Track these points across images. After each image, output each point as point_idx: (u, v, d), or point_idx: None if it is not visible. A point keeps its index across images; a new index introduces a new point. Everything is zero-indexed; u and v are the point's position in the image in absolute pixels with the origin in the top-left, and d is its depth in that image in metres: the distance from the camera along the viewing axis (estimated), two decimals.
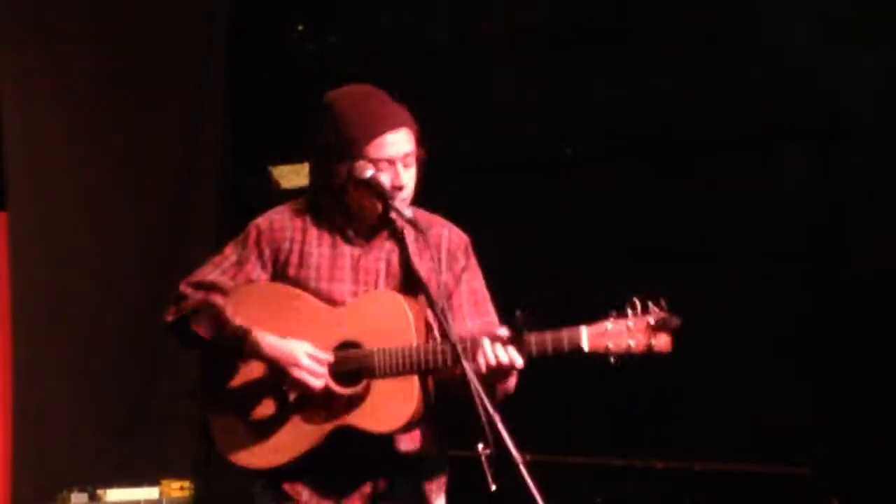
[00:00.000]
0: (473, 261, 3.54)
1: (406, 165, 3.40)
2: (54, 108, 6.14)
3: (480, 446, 3.05)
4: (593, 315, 3.32)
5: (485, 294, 3.54)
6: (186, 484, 5.67)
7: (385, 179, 3.37)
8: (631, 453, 5.23)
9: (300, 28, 6.54)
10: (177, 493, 5.62)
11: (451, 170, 5.94)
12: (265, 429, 3.43)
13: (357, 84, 3.53)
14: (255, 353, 3.38)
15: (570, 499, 4.02)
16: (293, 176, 6.37)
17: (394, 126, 3.37)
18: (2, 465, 5.82)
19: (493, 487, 3.04)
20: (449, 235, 3.52)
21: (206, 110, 6.61)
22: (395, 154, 3.37)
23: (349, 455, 3.40)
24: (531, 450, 3.03)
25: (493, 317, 3.50)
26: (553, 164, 5.67)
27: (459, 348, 3.21)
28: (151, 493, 5.54)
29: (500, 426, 3.02)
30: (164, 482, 5.64)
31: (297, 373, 3.34)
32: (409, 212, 3.32)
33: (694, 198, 5.23)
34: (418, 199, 3.45)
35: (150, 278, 6.03)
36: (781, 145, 5.06)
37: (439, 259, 3.47)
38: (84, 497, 5.40)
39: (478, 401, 3.05)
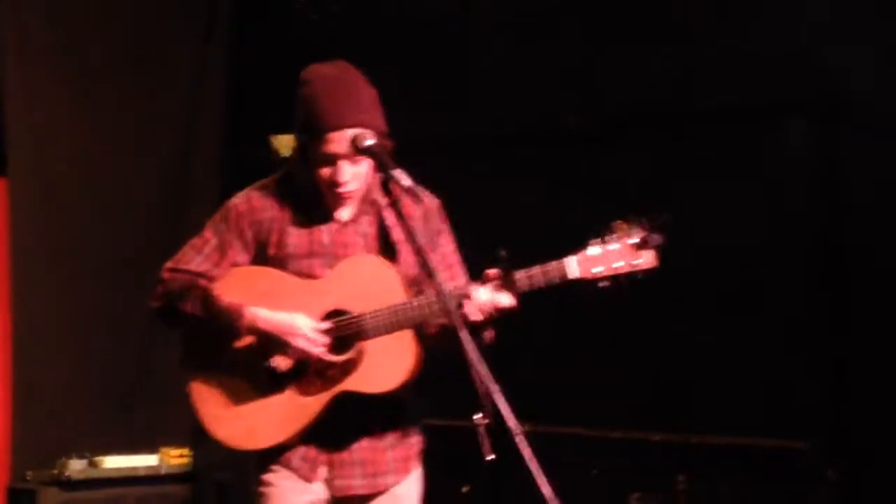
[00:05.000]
0: (446, 225, 3.57)
1: (353, 162, 3.39)
2: (57, 76, 6.12)
3: (478, 416, 3.05)
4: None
5: (457, 258, 3.56)
6: (185, 451, 5.68)
7: (325, 173, 3.40)
8: (628, 425, 5.24)
9: None
10: (175, 461, 5.63)
11: (452, 141, 5.95)
12: (259, 407, 3.44)
13: (334, 64, 3.52)
14: (253, 327, 3.41)
15: (567, 470, 4.02)
16: (294, 145, 6.35)
17: (339, 125, 3.36)
18: (2, 433, 5.83)
19: (491, 457, 3.05)
20: (423, 201, 3.51)
21: (208, 78, 6.60)
22: (338, 151, 3.38)
23: (346, 420, 3.44)
24: (529, 420, 3.03)
25: (464, 280, 3.50)
26: (554, 136, 5.67)
27: (456, 294, 3.26)
28: (150, 460, 5.55)
29: (498, 396, 3.02)
30: (163, 449, 5.66)
31: (298, 341, 3.37)
32: (407, 181, 3.26)
33: (697, 171, 5.22)
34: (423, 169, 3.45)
35: (151, 247, 6.01)
36: (784, 119, 5.06)
37: (413, 227, 3.41)
38: (83, 464, 5.41)
39: (475, 371, 3.05)
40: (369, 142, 3.34)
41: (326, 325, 3.40)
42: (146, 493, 5.40)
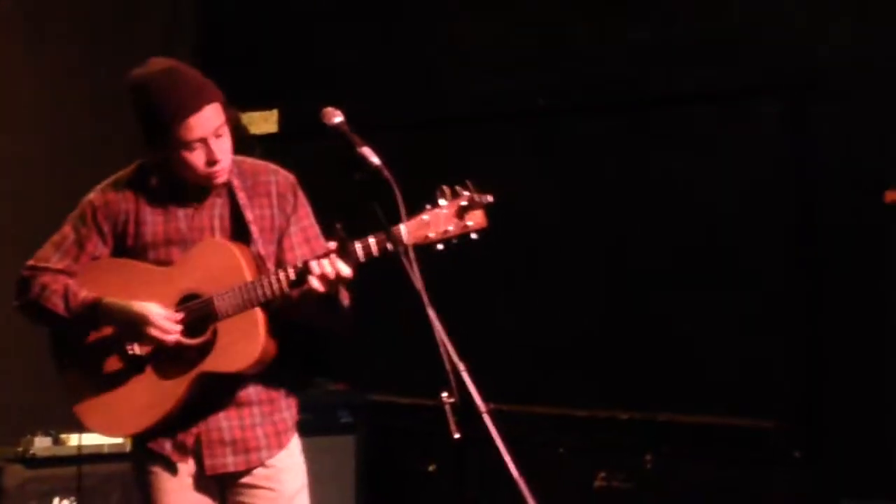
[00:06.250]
0: (302, 199, 3.66)
1: (218, 136, 3.48)
2: (22, 41, 6.08)
3: (444, 395, 3.05)
4: None
5: (315, 230, 3.65)
6: None
7: (199, 158, 3.47)
8: (595, 404, 5.26)
9: None
10: None
11: (423, 121, 5.93)
12: (124, 394, 3.54)
13: (155, 61, 3.57)
14: (108, 318, 3.51)
15: (534, 449, 4.03)
16: (262, 122, 6.34)
17: (196, 108, 3.44)
18: None
19: (457, 436, 3.05)
20: (277, 180, 3.63)
21: (176, 49, 6.55)
22: (204, 133, 3.45)
23: (211, 400, 3.53)
24: (495, 399, 3.03)
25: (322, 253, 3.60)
26: (527, 115, 5.66)
27: (291, 271, 3.39)
28: (116, 438, 5.51)
29: (465, 375, 3.03)
30: None
31: (151, 331, 3.46)
32: (375, 159, 3.29)
33: (669, 151, 5.23)
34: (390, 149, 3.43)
35: None
36: (758, 99, 5.06)
37: (271, 204, 3.59)
38: (48, 441, 5.37)
39: (443, 350, 3.05)
40: (338, 119, 3.34)
41: (178, 314, 3.49)
42: (111, 471, 5.35)
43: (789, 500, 4.83)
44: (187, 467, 3.56)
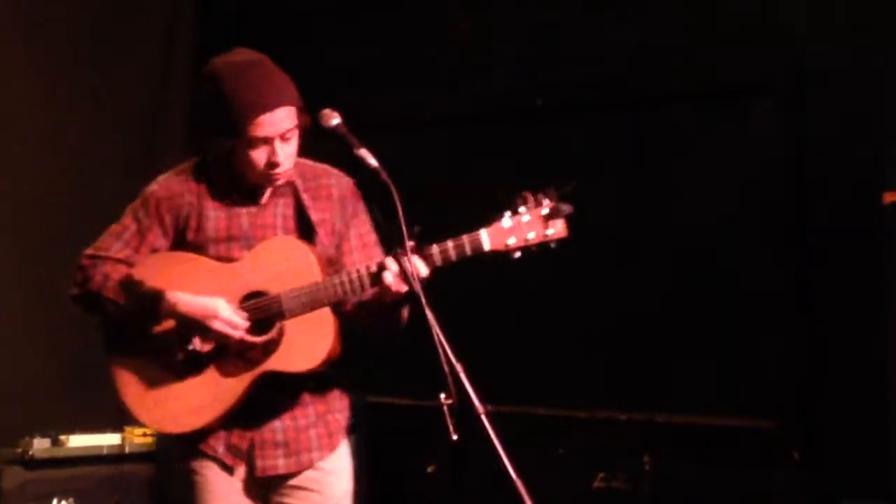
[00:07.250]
0: (361, 205, 3.63)
1: (284, 140, 3.44)
2: (22, 41, 6.08)
3: (442, 396, 3.05)
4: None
5: (373, 236, 3.63)
6: (149, 430, 5.65)
7: (261, 157, 3.43)
8: (594, 405, 5.25)
9: None
10: (139, 440, 5.60)
11: (422, 121, 5.93)
12: (182, 390, 3.48)
13: (241, 52, 3.54)
14: (172, 311, 3.44)
15: (533, 450, 4.02)
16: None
17: (270, 107, 3.40)
18: None
19: (455, 438, 3.05)
20: (338, 183, 3.61)
21: (176, 47, 6.57)
22: (272, 133, 3.41)
23: (268, 400, 3.49)
24: (493, 401, 3.03)
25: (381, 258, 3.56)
26: (523, 114, 5.65)
27: (365, 271, 3.34)
28: (114, 439, 5.52)
29: (463, 377, 3.02)
30: (128, 429, 5.62)
31: (217, 325, 3.41)
32: (373, 161, 3.29)
33: (667, 151, 5.23)
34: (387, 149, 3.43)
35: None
36: (752, 99, 5.06)
37: (332, 208, 3.57)
38: (46, 442, 5.37)
39: (441, 351, 3.05)
40: (335, 121, 3.35)
41: (243, 312, 3.44)
42: (110, 472, 5.37)
43: (789, 500, 4.83)
44: (238, 470, 3.52)
